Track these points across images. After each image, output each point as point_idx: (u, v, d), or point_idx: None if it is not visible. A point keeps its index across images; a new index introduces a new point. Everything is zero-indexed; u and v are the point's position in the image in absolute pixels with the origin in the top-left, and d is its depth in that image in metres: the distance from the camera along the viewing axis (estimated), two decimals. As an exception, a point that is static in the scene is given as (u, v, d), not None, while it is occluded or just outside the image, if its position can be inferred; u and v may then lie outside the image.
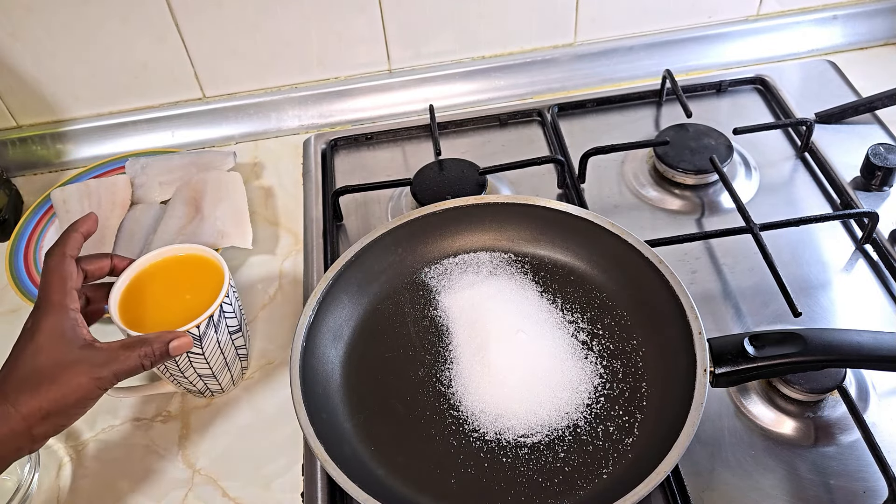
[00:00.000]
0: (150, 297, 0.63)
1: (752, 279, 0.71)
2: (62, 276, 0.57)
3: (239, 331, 0.65)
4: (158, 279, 0.64)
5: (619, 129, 0.88)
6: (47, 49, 0.88)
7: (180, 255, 0.65)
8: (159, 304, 0.63)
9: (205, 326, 0.60)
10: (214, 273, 0.63)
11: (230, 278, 0.63)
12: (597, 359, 0.61)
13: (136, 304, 0.62)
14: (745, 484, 0.57)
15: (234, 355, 0.66)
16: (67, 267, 0.58)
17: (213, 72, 0.93)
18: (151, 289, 0.63)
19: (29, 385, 0.53)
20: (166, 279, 0.64)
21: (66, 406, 0.53)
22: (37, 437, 0.53)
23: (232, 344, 0.65)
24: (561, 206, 0.67)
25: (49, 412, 0.53)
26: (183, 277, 0.64)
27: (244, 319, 0.67)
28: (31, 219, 0.84)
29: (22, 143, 0.94)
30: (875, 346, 0.53)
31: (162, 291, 0.63)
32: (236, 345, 0.65)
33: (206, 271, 0.64)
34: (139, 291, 0.63)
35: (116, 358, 0.55)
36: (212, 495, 0.63)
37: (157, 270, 0.64)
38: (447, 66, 0.97)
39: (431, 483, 0.56)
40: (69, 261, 0.59)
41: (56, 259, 0.58)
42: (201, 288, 0.63)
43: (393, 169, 0.87)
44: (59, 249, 0.59)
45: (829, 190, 0.78)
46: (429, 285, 0.69)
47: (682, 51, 0.97)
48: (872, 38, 0.98)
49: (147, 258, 0.64)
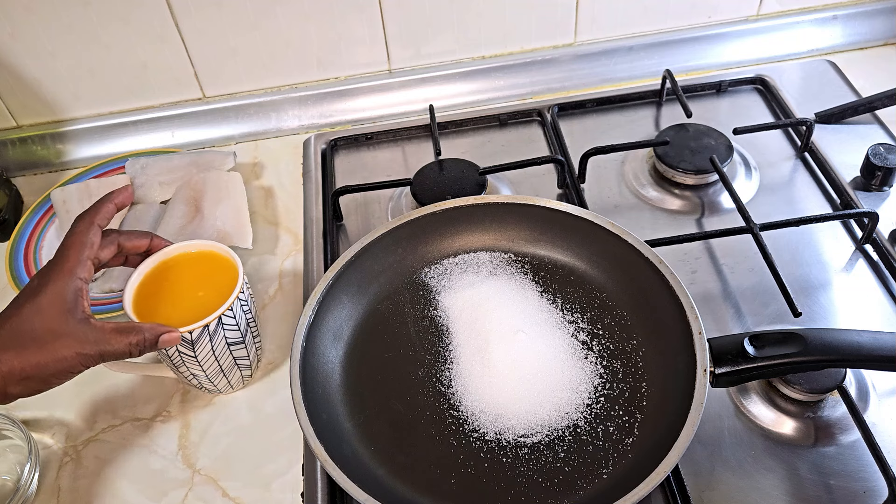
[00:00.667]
0: (165, 291, 0.63)
1: (752, 279, 0.71)
2: (82, 244, 0.57)
3: (241, 342, 0.64)
4: (176, 274, 0.64)
5: (619, 129, 0.88)
6: (47, 49, 0.88)
7: (203, 251, 0.65)
8: (172, 298, 0.62)
9: (198, 334, 0.60)
10: (231, 277, 0.63)
11: (240, 291, 0.62)
12: (597, 359, 0.61)
13: (149, 297, 0.62)
14: (745, 484, 0.57)
15: (231, 364, 0.65)
16: (92, 236, 0.58)
17: (213, 72, 0.93)
18: (167, 283, 0.63)
19: (16, 344, 0.53)
20: (184, 274, 0.64)
21: (45, 374, 0.54)
22: (9, 395, 0.54)
23: (230, 354, 0.64)
24: (561, 206, 0.67)
25: (28, 376, 0.53)
26: (201, 274, 0.64)
27: (252, 331, 0.66)
28: (31, 219, 0.84)
29: (22, 143, 0.94)
30: (875, 346, 0.53)
31: (177, 286, 0.63)
32: (235, 355, 0.65)
33: (225, 272, 0.63)
34: (155, 284, 0.63)
35: (106, 339, 0.55)
36: (212, 495, 0.63)
37: (175, 264, 0.64)
38: (447, 66, 0.97)
39: (431, 483, 0.56)
40: (95, 229, 0.58)
41: (83, 225, 0.58)
42: (216, 288, 0.62)
43: (393, 169, 0.87)
44: (89, 216, 0.59)
45: (829, 190, 0.78)
46: (429, 285, 0.69)
47: (682, 51, 0.97)
48: (872, 38, 0.98)
49: (168, 251, 0.64)
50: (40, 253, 0.80)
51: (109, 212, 0.60)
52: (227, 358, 0.64)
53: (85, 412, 0.70)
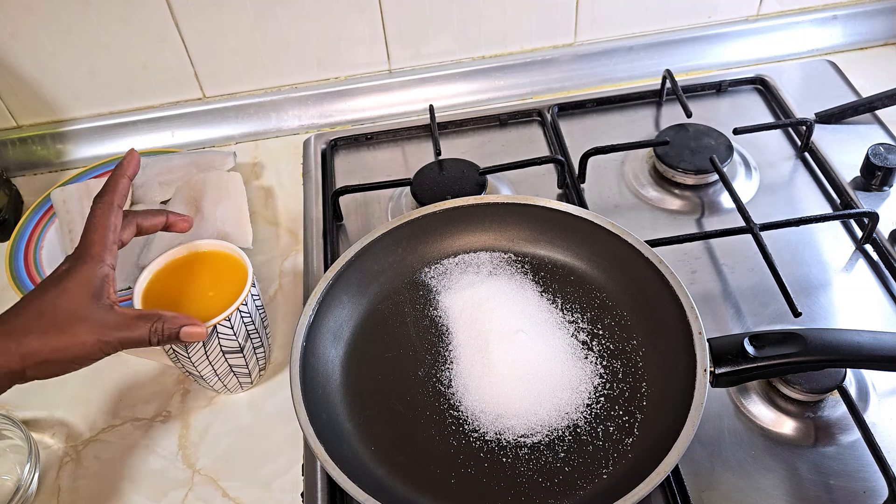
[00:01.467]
0: (173, 290, 0.63)
1: (752, 279, 0.71)
2: (107, 227, 0.57)
3: (238, 351, 0.63)
4: (186, 272, 0.64)
5: (619, 129, 0.88)
6: (47, 49, 0.88)
7: (214, 250, 0.65)
8: (182, 297, 0.62)
9: None
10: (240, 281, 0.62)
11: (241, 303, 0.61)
12: (597, 359, 0.61)
13: (158, 295, 0.62)
14: (745, 484, 0.57)
15: (226, 370, 0.64)
16: (114, 219, 0.57)
17: (213, 72, 0.93)
18: (177, 282, 0.63)
19: (38, 326, 0.53)
20: (193, 274, 0.64)
21: (64, 358, 0.53)
22: (27, 377, 0.53)
23: (225, 362, 0.63)
24: (561, 206, 0.67)
25: (47, 360, 0.53)
26: (210, 274, 0.64)
27: (254, 342, 0.65)
28: (31, 219, 0.84)
29: (22, 143, 0.94)
30: (875, 346, 0.53)
31: (186, 286, 0.63)
32: (231, 363, 0.64)
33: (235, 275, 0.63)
34: (165, 283, 0.63)
35: (127, 325, 0.55)
36: (212, 495, 0.63)
37: (186, 263, 0.64)
38: (447, 66, 0.97)
39: (431, 483, 0.56)
40: (117, 211, 0.58)
41: (104, 208, 0.57)
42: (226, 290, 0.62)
43: (393, 169, 0.87)
44: (107, 197, 0.58)
45: (829, 190, 0.78)
46: (429, 285, 0.69)
47: (682, 51, 0.98)
48: (872, 38, 0.98)
49: (178, 250, 0.64)
50: (40, 253, 0.80)
51: (125, 188, 0.59)
52: (223, 365, 0.64)
53: (85, 412, 0.70)
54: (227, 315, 0.60)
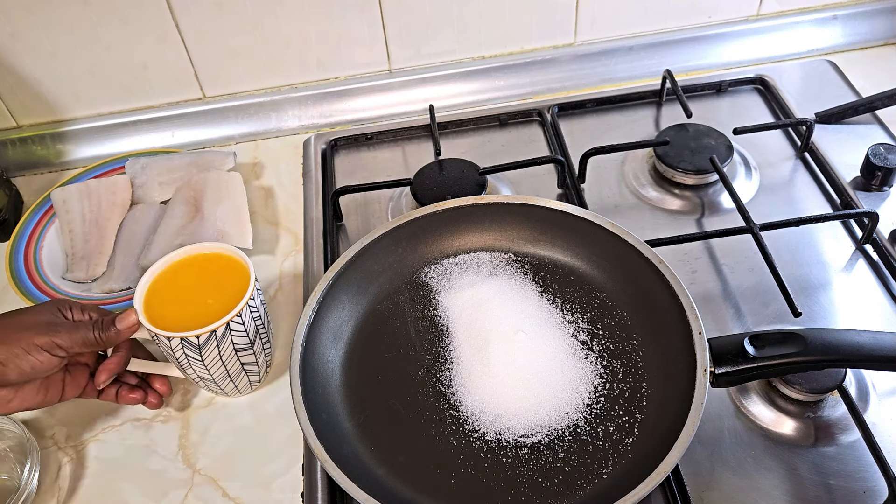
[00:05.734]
0: (176, 292, 0.63)
1: (752, 279, 0.71)
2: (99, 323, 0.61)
3: (249, 348, 0.64)
4: (187, 275, 0.64)
5: (619, 129, 0.88)
6: (47, 49, 0.88)
7: (214, 252, 0.65)
8: (183, 300, 0.63)
9: (205, 338, 0.59)
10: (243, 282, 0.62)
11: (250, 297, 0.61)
12: (597, 359, 0.61)
13: (160, 298, 0.62)
14: (745, 484, 0.57)
15: (238, 369, 0.65)
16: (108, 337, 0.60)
17: (213, 72, 0.93)
18: (178, 284, 0.63)
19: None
20: (195, 276, 0.64)
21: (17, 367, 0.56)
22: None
23: (237, 360, 0.64)
24: (561, 206, 0.67)
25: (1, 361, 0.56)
26: (212, 277, 0.64)
27: (262, 338, 0.65)
28: (31, 219, 0.84)
29: (22, 143, 0.94)
30: (875, 346, 0.53)
31: (188, 288, 0.63)
32: (242, 361, 0.64)
33: (237, 276, 0.63)
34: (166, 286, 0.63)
35: (76, 327, 0.58)
36: (212, 495, 0.63)
37: (186, 266, 0.64)
38: (447, 66, 0.97)
39: (431, 483, 0.56)
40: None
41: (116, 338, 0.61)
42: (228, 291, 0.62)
43: (393, 169, 0.87)
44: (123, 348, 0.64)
45: (829, 190, 0.78)
46: (429, 285, 0.69)
47: (682, 51, 0.97)
48: (872, 38, 0.98)
49: (179, 252, 0.64)
50: (40, 253, 0.80)
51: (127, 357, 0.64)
52: (235, 363, 0.64)
53: (85, 412, 0.69)
54: (238, 311, 0.60)
